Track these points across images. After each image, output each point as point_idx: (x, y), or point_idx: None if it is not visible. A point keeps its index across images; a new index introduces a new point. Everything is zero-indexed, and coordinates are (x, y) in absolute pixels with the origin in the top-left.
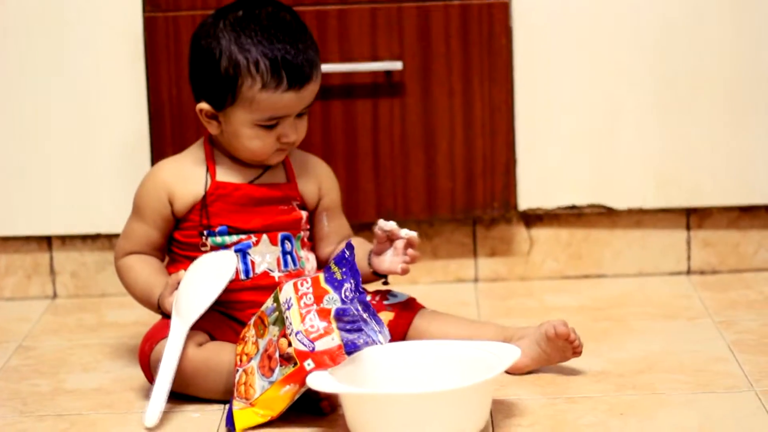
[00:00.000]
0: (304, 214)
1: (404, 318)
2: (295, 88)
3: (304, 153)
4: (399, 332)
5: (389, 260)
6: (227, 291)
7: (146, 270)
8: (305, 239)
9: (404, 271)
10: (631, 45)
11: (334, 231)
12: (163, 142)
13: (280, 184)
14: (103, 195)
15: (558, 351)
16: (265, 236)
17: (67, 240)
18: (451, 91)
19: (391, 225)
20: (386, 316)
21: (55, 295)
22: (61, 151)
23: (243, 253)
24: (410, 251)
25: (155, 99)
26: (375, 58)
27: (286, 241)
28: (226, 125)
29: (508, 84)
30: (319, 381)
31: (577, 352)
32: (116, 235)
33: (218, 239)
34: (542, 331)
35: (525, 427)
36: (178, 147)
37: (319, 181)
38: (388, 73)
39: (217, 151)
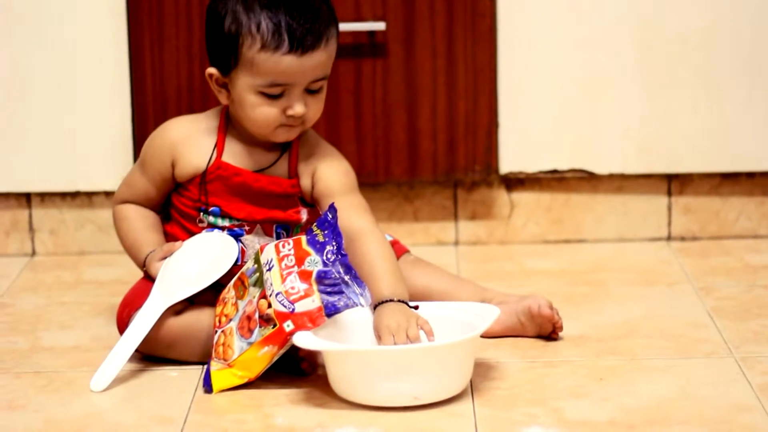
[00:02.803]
0: (304, 212)
1: None
2: (296, 52)
3: (316, 141)
4: None
5: None
6: None
7: (140, 223)
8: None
9: None
10: (614, 10)
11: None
12: (144, 101)
13: (281, 180)
14: (82, 153)
15: (535, 327)
16: (258, 226)
17: (46, 197)
18: (434, 53)
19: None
20: None
21: (33, 253)
22: (41, 109)
23: (235, 238)
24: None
25: (136, 56)
26: (358, 19)
27: (282, 232)
28: (233, 93)
29: (491, 47)
30: (306, 339)
31: (556, 334)
32: (96, 193)
33: (211, 218)
34: (525, 305)
35: (504, 390)
36: (159, 105)
37: (313, 168)
38: (371, 34)
39: (231, 128)
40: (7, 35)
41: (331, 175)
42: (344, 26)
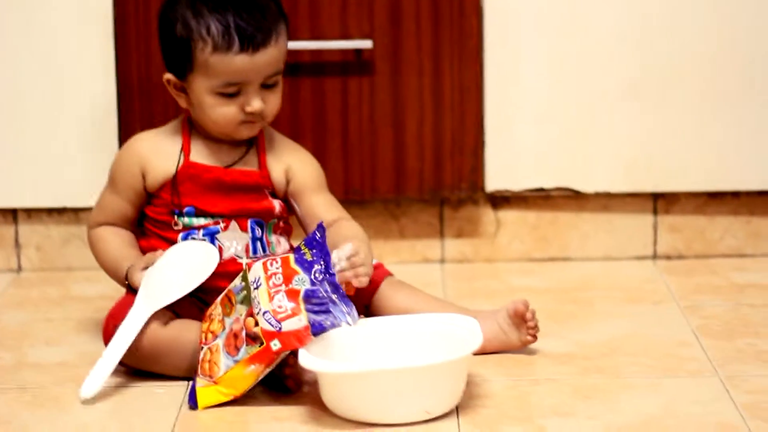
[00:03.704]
0: (276, 203)
1: (371, 282)
2: (247, 51)
3: (280, 137)
4: (365, 296)
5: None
6: None
7: (116, 242)
8: (280, 224)
9: (362, 282)
10: (602, 30)
11: (310, 213)
12: (131, 117)
13: (252, 172)
14: (69, 169)
15: (515, 331)
16: (234, 222)
17: (32, 213)
18: (420, 71)
19: (346, 251)
20: None
21: (19, 268)
22: (28, 125)
23: (211, 237)
24: (354, 260)
25: (124, 73)
26: (345, 36)
27: (257, 227)
28: (192, 96)
29: (477, 65)
30: (313, 361)
31: (531, 333)
32: (82, 209)
33: (186, 220)
34: (503, 309)
35: (489, 409)
36: (146, 122)
37: (286, 164)
38: (358, 52)
39: (195, 132)
40: None
41: (305, 171)
42: (331, 44)
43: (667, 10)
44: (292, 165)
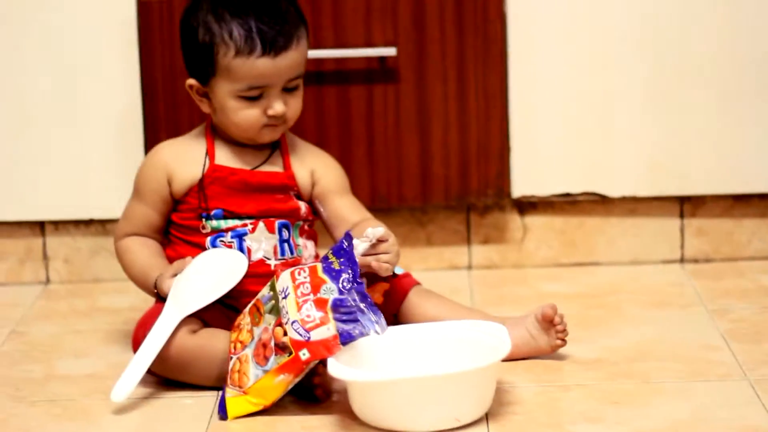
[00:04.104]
0: (302, 204)
1: (399, 290)
2: (270, 55)
3: (303, 142)
4: (393, 304)
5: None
6: None
7: (144, 252)
8: (305, 227)
9: (382, 269)
10: (625, 33)
11: (336, 215)
12: (157, 128)
13: (277, 173)
14: (96, 180)
15: (544, 336)
16: (261, 224)
17: (60, 225)
18: (445, 78)
19: (379, 232)
20: (381, 287)
21: (48, 281)
22: (55, 137)
23: (239, 239)
24: (381, 246)
25: (148, 84)
26: (369, 44)
27: (284, 229)
28: (214, 101)
29: (502, 71)
30: (342, 370)
31: (560, 338)
32: (109, 221)
33: (214, 223)
34: (531, 314)
35: (519, 415)
36: (172, 132)
37: (311, 167)
38: (382, 59)
39: (218, 137)
40: (20, 63)
41: (329, 175)
42: (355, 52)
43: (688, 11)
44: (317, 168)
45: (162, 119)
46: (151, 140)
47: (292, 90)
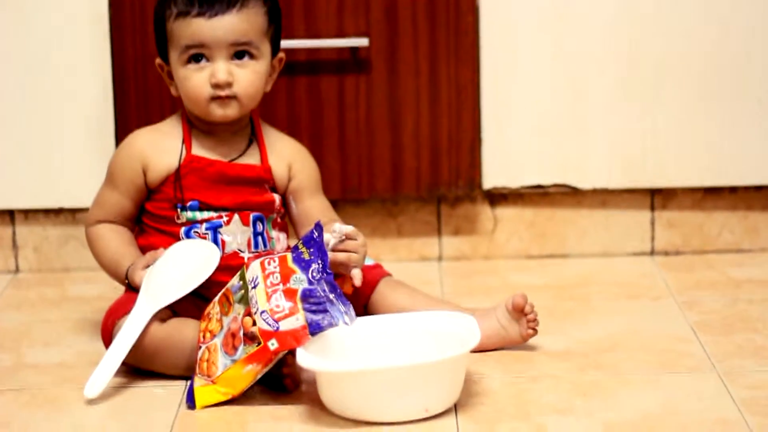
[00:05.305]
0: (276, 197)
1: (369, 281)
2: (204, 15)
3: (279, 134)
4: (363, 295)
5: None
6: None
7: (116, 240)
8: (278, 219)
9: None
10: (597, 26)
11: (306, 214)
12: (128, 117)
13: (254, 166)
14: (66, 169)
15: (515, 326)
16: (236, 216)
17: (29, 214)
18: (417, 69)
19: (347, 228)
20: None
21: (17, 270)
22: (25, 126)
23: (214, 231)
24: (349, 244)
25: (119, 73)
26: (341, 35)
27: (258, 222)
28: (176, 79)
29: (474, 63)
30: (312, 360)
31: (531, 327)
32: (79, 210)
33: (189, 214)
34: (501, 304)
35: (488, 406)
36: (143, 121)
37: (289, 161)
38: (354, 50)
39: (194, 127)
40: None
41: (305, 172)
42: (327, 42)
43: (662, 7)
44: (294, 163)
45: (133, 108)
46: (122, 129)
47: (241, 60)
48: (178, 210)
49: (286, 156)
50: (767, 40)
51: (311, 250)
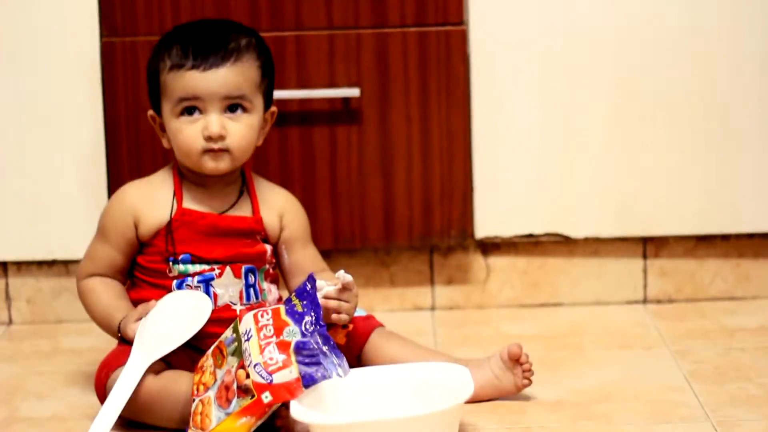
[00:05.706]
0: (268, 247)
1: (362, 332)
2: (199, 68)
3: (269, 184)
4: (355, 346)
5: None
6: None
7: (108, 293)
8: (270, 270)
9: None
10: (588, 74)
11: (298, 264)
12: (120, 168)
13: (245, 217)
14: (59, 221)
15: (509, 375)
16: (228, 268)
17: (23, 266)
18: (408, 118)
19: (349, 277)
20: (344, 329)
21: (10, 321)
22: (17, 177)
23: (206, 284)
24: (345, 294)
25: (111, 124)
26: (332, 85)
27: (250, 274)
28: (167, 130)
29: (465, 111)
30: (306, 413)
31: (526, 376)
32: (72, 261)
33: (181, 267)
34: (496, 355)
35: None
36: (135, 173)
37: (280, 212)
38: (346, 100)
39: (185, 179)
40: None
41: (296, 222)
42: (318, 92)
43: (651, 54)
44: (285, 213)
45: (125, 159)
46: (114, 181)
47: (234, 113)
48: (170, 263)
49: (277, 206)
50: (759, 87)
51: (304, 302)
